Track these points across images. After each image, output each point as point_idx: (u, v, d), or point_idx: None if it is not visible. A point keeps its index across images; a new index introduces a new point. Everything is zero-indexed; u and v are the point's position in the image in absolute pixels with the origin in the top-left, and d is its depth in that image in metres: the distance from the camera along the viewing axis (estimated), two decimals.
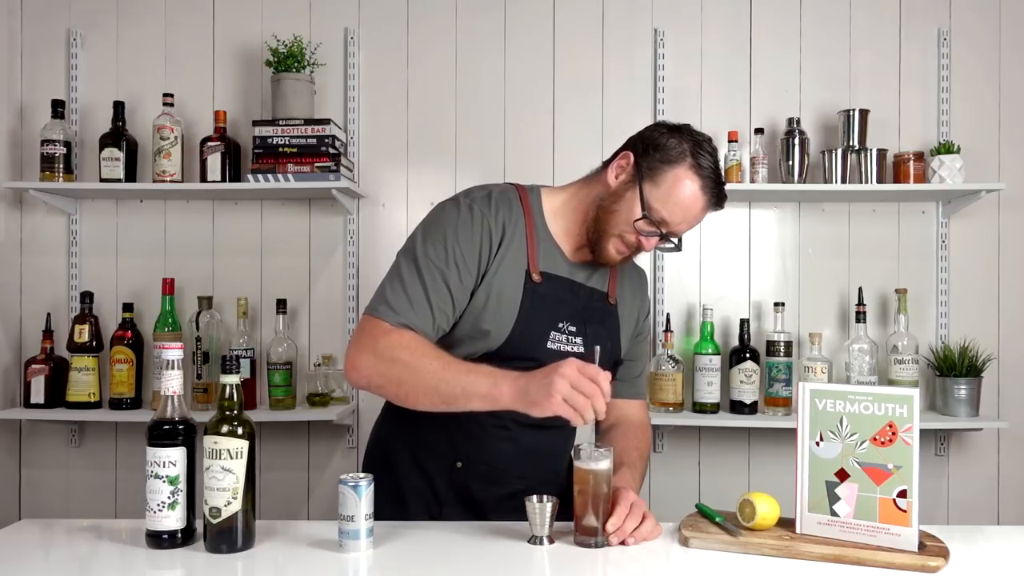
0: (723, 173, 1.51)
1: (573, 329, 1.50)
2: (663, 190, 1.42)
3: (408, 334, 1.37)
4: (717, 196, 1.45)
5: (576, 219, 1.50)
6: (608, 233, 1.45)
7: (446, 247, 1.41)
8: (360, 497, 1.28)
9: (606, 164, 1.51)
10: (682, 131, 1.46)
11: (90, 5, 2.70)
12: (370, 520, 1.29)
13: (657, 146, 1.44)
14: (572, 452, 1.36)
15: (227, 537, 1.27)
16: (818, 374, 2.48)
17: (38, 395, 2.53)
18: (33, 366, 2.54)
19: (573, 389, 1.24)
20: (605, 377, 1.26)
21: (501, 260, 1.45)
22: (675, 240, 1.49)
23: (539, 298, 1.46)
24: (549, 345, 1.47)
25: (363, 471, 1.45)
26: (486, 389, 1.30)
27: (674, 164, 1.42)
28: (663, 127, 1.48)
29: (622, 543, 1.32)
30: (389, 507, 1.50)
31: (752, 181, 2.54)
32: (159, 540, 1.29)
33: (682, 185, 1.41)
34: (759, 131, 2.58)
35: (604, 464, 1.33)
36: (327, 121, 2.51)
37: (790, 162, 2.55)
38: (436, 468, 1.54)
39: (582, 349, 1.49)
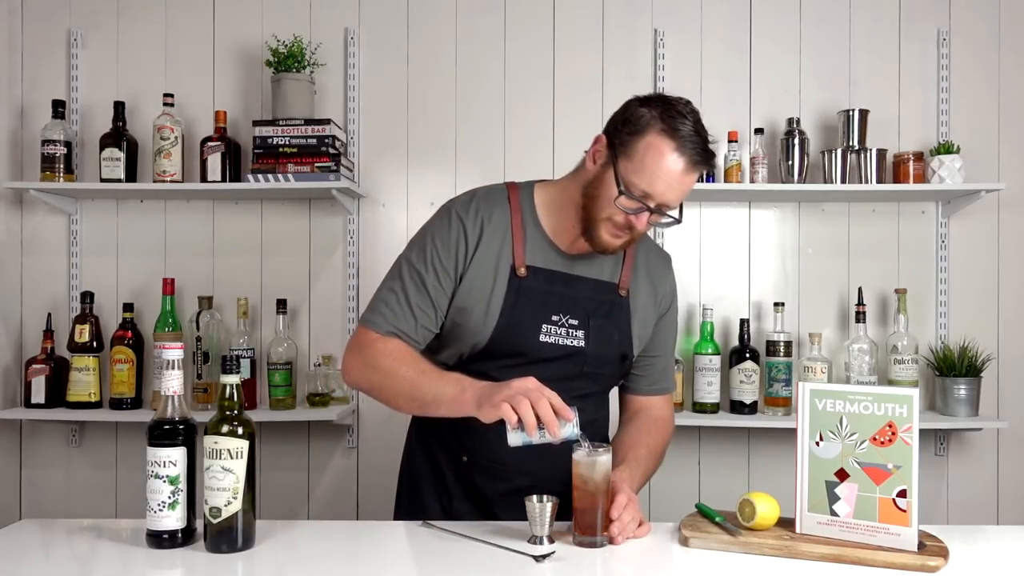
0: (704, 130, 1.40)
1: (575, 322, 1.49)
2: (636, 162, 1.37)
3: (392, 343, 1.46)
4: (698, 154, 1.37)
5: (569, 212, 1.49)
6: (597, 219, 1.42)
7: (425, 252, 1.48)
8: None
9: None
10: (652, 99, 1.41)
11: (90, 5, 2.70)
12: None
13: (626, 120, 1.41)
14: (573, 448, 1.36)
15: (227, 537, 1.27)
16: (818, 374, 2.48)
17: (38, 395, 2.53)
18: (33, 366, 2.54)
19: (520, 396, 1.27)
20: (558, 400, 1.28)
21: (482, 259, 1.47)
22: (671, 213, 1.42)
23: (525, 292, 1.47)
24: (542, 338, 1.47)
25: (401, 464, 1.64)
26: (452, 395, 1.36)
27: (644, 133, 1.37)
28: (633, 101, 1.43)
29: (611, 540, 1.32)
30: (407, 498, 1.53)
31: (752, 181, 2.54)
32: (159, 540, 1.29)
33: (655, 151, 1.36)
34: (759, 131, 2.58)
35: (602, 461, 1.32)
36: (327, 121, 2.51)
37: (790, 162, 2.55)
38: (446, 461, 1.56)
39: (583, 343, 1.49)
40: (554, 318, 1.48)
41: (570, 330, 1.49)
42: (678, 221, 1.45)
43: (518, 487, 1.49)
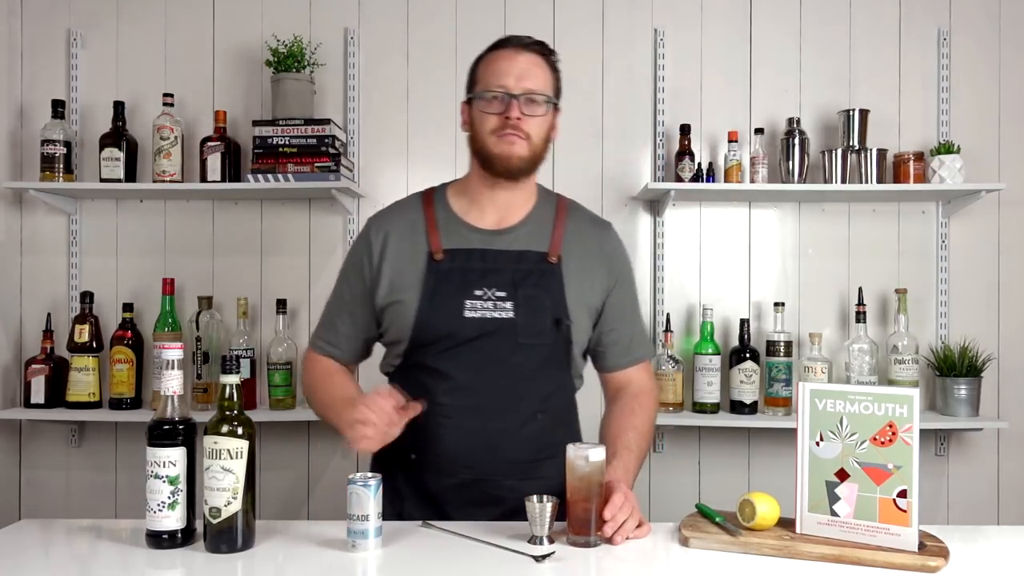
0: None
1: (502, 294, 1.51)
2: (482, 81, 1.54)
3: (320, 364, 1.66)
4: (522, 40, 1.54)
5: (478, 185, 1.59)
6: (484, 139, 1.53)
7: (343, 270, 1.67)
8: (371, 496, 1.28)
9: None
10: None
11: (90, 5, 2.70)
12: (379, 519, 1.30)
13: (469, 73, 1.60)
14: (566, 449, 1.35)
15: (227, 537, 1.27)
16: (818, 374, 2.48)
17: (38, 395, 2.53)
18: (33, 366, 2.54)
19: (358, 418, 1.38)
20: (385, 401, 1.38)
21: (395, 257, 1.56)
22: (541, 93, 1.52)
23: (444, 274, 1.52)
24: (467, 314, 1.50)
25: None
26: (338, 427, 1.49)
27: (478, 63, 1.58)
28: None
29: (609, 541, 1.32)
30: None
31: (752, 181, 2.54)
32: (159, 540, 1.29)
33: (489, 60, 1.55)
34: (759, 131, 2.58)
35: (594, 460, 1.32)
36: (327, 121, 2.51)
37: (790, 162, 2.55)
38: (396, 463, 1.56)
39: (513, 314, 1.51)
40: (477, 293, 1.51)
41: (497, 302, 1.51)
42: (552, 101, 1.55)
43: (463, 481, 1.51)
